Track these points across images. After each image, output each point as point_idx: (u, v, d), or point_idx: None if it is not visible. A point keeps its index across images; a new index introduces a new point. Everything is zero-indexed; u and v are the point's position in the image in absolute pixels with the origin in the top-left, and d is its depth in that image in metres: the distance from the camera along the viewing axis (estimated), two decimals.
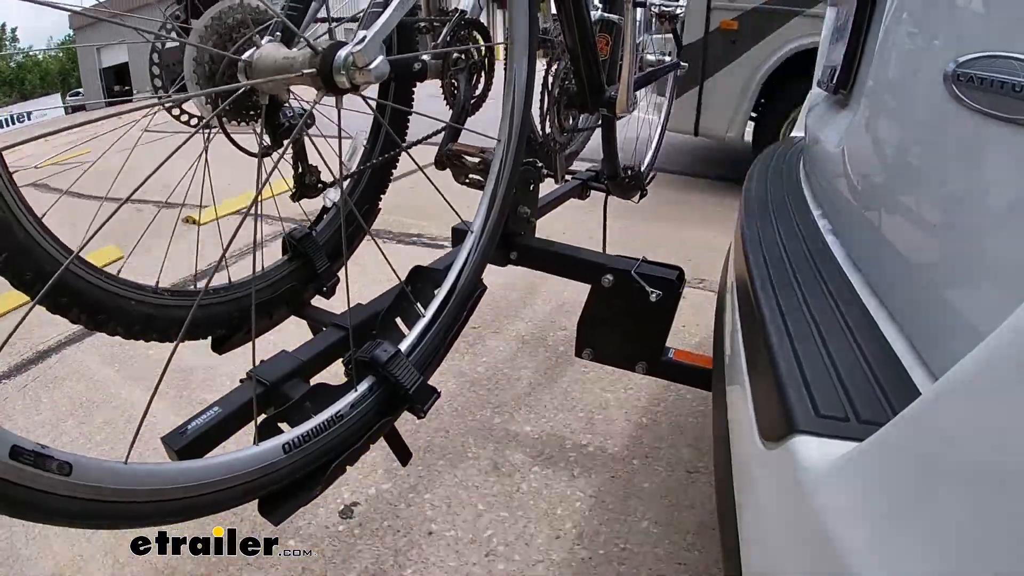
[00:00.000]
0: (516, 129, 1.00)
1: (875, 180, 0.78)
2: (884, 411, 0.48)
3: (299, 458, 0.73)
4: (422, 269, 1.02)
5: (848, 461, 0.43)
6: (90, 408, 1.79)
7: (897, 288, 0.65)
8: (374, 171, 1.11)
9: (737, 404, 0.70)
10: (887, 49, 0.81)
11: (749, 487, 0.59)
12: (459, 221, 1.11)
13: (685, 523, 1.28)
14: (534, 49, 1.01)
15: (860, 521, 0.39)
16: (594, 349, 1.32)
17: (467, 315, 0.99)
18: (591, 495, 1.36)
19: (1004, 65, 0.50)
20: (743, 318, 0.77)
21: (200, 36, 0.71)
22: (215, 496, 0.65)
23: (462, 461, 1.48)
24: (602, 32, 1.53)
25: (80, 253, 0.64)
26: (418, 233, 3.00)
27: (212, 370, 1.81)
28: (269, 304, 0.99)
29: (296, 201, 0.96)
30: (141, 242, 1.01)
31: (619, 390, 1.74)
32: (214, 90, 0.72)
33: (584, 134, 1.79)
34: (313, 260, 1.03)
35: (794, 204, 1.01)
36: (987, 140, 0.52)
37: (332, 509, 1.35)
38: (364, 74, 0.66)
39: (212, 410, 0.79)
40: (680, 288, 1.21)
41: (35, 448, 0.49)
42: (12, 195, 0.62)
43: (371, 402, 0.81)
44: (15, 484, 0.48)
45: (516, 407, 1.68)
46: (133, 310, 0.77)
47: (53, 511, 0.51)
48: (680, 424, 1.60)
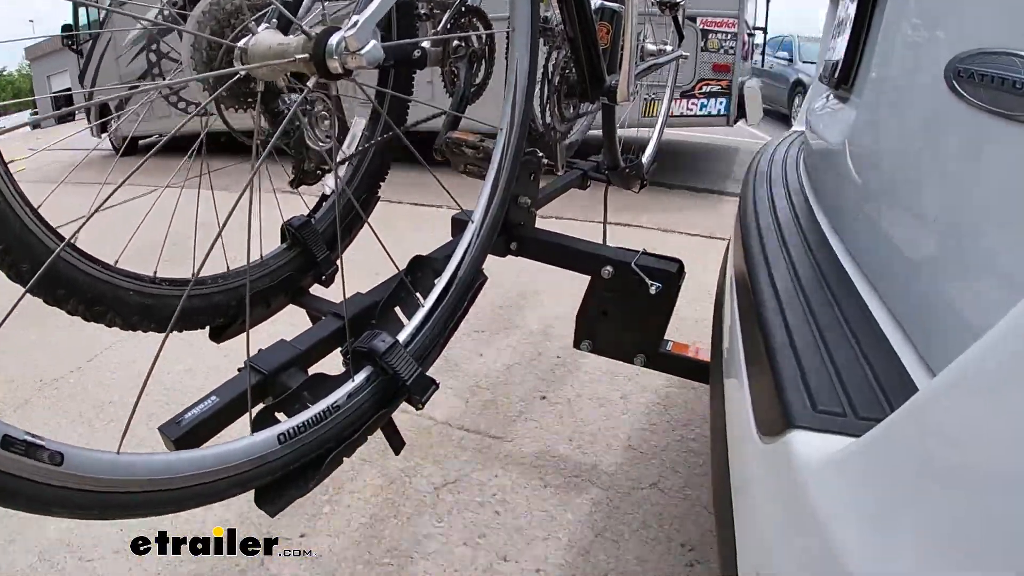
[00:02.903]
0: (518, 118, 0.99)
1: (875, 175, 0.77)
2: (882, 407, 0.49)
3: (295, 449, 0.72)
4: (422, 258, 1.02)
5: (845, 456, 0.43)
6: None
7: (896, 284, 0.65)
8: (373, 158, 1.10)
9: (735, 398, 0.70)
10: (888, 45, 0.80)
11: (746, 481, 0.59)
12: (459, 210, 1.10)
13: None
14: (536, 38, 1.00)
15: (856, 516, 0.40)
16: (592, 341, 1.32)
17: (467, 306, 0.99)
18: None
19: (1004, 61, 0.49)
20: (742, 312, 0.77)
21: (198, 23, 0.70)
22: (209, 487, 0.64)
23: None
24: (603, 21, 1.52)
25: (75, 242, 0.64)
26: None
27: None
28: (267, 292, 0.99)
29: (295, 188, 0.96)
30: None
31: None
32: (206, 75, 0.71)
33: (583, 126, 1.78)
34: (311, 248, 1.02)
35: (794, 199, 1.01)
36: (987, 136, 0.52)
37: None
38: (357, 59, 0.65)
39: (209, 399, 0.78)
40: (680, 280, 1.21)
41: (26, 438, 0.49)
42: (9, 186, 0.62)
43: (368, 393, 0.81)
44: (6, 474, 0.48)
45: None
46: (131, 300, 0.76)
47: (45, 501, 0.51)
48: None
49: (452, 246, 1.03)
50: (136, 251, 0.80)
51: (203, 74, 0.71)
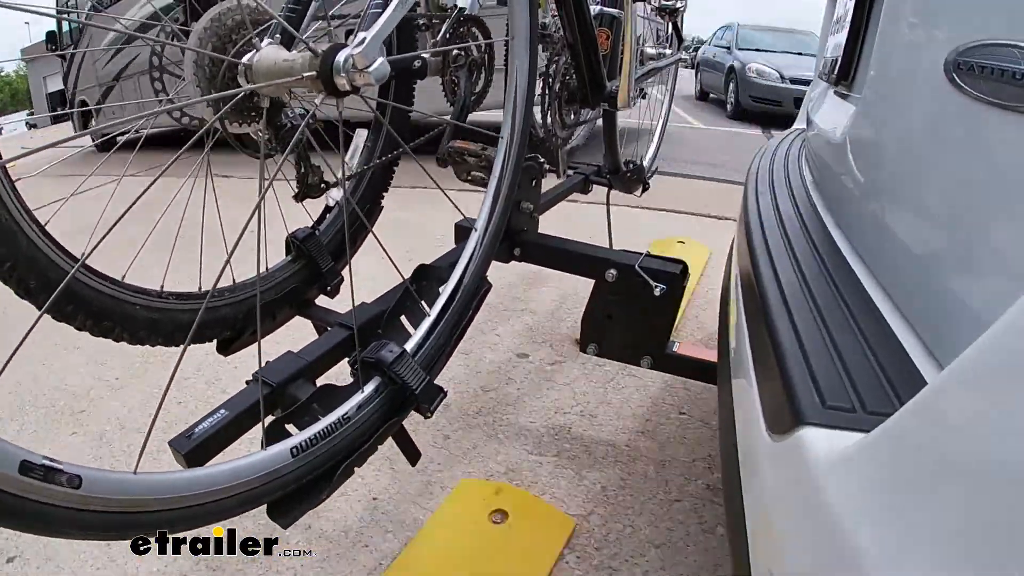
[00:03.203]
0: (519, 126, 1.00)
1: (877, 170, 0.77)
2: (891, 402, 0.48)
3: (307, 462, 0.73)
4: (426, 267, 1.02)
5: (855, 452, 0.43)
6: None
7: (902, 278, 0.64)
8: (376, 169, 1.11)
9: (743, 397, 0.70)
10: (887, 39, 0.81)
11: (756, 480, 0.59)
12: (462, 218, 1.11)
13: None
14: (535, 45, 1.01)
15: (867, 512, 0.39)
16: (599, 344, 1.32)
17: (472, 313, 0.99)
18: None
19: (1005, 53, 0.49)
20: (748, 311, 0.77)
21: (199, 38, 0.71)
22: (224, 503, 0.65)
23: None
24: (602, 27, 1.52)
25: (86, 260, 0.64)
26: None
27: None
28: (273, 305, 0.99)
29: (299, 201, 0.96)
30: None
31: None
32: (214, 96, 0.71)
33: (584, 131, 1.79)
34: (317, 260, 1.03)
35: (797, 196, 1.01)
36: (989, 128, 0.52)
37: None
38: (364, 76, 0.66)
39: (219, 413, 0.78)
40: (684, 282, 1.21)
41: (44, 462, 0.49)
42: (15, 203, 0.62)
43: (378, 403, 0.81)
44: (26, 499, 0.48)
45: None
46: (138, 315, 0.77)
47: (65, 525, 0.51)
48: None
49: (456, 254, 1.03)
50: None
51: (210, 95, 0.72)
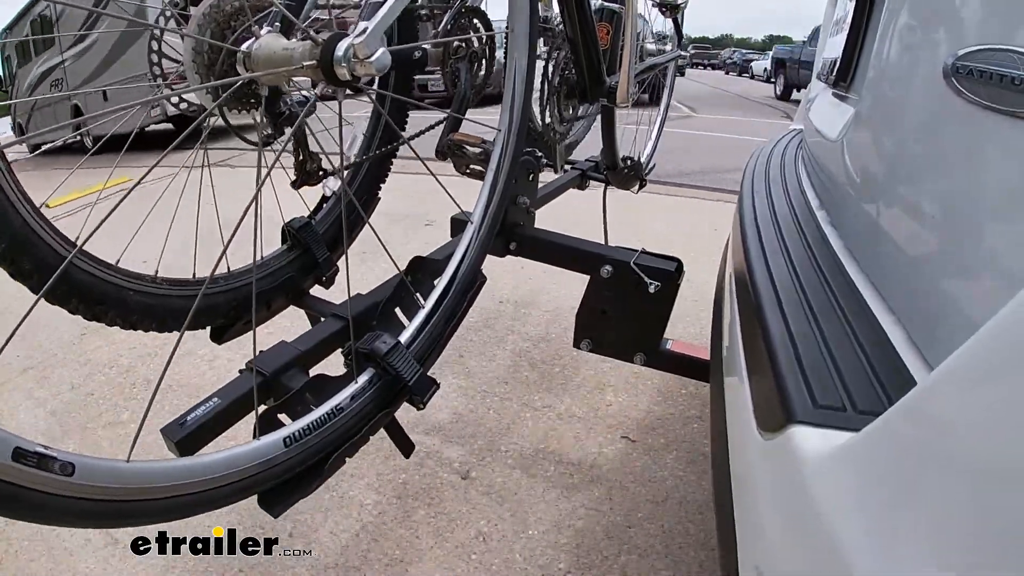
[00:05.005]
0: (516, 119, 1.00)
1: (874, 172, 0.78)
2: (881, 401, 0.49)
3: (300, 452, 0.73)
4: (422, 259, 1.02)
5: (846, 451, 0.43)
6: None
7: (894, 279, 0.65)
8: (373, 160, 1.10)
9: (735, 395, 0.70)
10: (887, 42, 0.81)
11: (747, 478, 0.60)
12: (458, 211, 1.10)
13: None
14: (535, 39, 1.00)
15: (857, 511, 0.40)
16: (592, 340, 1.32)
17: (467, 306, 0.99)
18: None
19: (1003, 58, 0.49)
20: (741, 309, 0.77)
21: (198, 25, 0.70)
22: (217, 492, 0.65)
23: None
24: (602, 21, 1.52)
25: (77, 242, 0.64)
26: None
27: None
28: (268, 294, 0.99)
29: (297, 188, 0.96)
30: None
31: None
32: (213, 84, 0.71)
33: (583, 125, 1.79)
34: (312, 249, 1.02)
35: (793, 196, 1.01)
36: (986, 133, 0.52)
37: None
38: (365, 66, 0.65)
39: (211, 401, 0.78)
40: (679, 279, 1.21)
41: (37, 449, 0.49)
42: (10, 185, 0.62)
43: (371, 394, 0.81)
44: (18, 486, 0.48)
45: None
46: (132, 300, 0.76)
47: (57, 512, 0.51)
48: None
49: (452, 246, 1.03)
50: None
51: (209, 83, 0.71)
